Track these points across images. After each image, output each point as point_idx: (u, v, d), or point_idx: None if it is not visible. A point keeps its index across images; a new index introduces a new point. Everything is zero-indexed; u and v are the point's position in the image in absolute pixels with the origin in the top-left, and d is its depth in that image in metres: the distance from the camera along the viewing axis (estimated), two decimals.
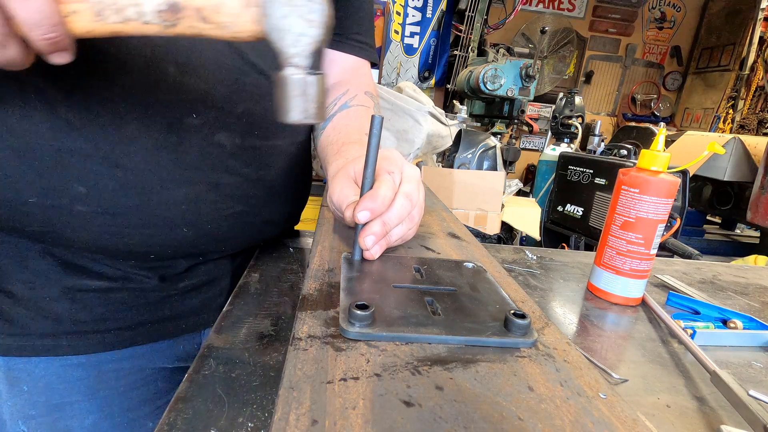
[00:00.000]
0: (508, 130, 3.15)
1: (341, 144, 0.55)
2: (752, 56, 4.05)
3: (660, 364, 0.43)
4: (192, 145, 0.45)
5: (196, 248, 0.51)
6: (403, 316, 0.28)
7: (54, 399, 0.49)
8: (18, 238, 0.45)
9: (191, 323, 0.57)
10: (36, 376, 0.48)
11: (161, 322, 0.53)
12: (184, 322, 0.56)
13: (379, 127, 0.36)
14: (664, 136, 0.53)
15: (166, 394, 0.57)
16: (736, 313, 0.52)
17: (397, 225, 0.39)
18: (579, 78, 4.82)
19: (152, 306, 0.52)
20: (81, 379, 0.50)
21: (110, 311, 0.49)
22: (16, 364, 0.47)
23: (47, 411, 0.49)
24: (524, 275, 0.63)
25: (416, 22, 4.03)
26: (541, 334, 0.29)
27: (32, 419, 0.48)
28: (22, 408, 0.48)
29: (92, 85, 0.39)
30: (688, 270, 0.74)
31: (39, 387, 0.48)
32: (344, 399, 0.21)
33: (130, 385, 0.53)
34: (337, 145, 0.56)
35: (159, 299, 0.52)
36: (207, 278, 0.56)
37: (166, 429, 0.29)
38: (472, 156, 1.92)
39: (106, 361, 0.51)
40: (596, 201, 1.56)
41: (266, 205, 0.55)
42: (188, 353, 0.59)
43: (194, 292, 0.56)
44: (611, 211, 0.56)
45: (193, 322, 0.57)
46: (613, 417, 0.21)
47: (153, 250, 0.48)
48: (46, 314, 0.47)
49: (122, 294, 0.50)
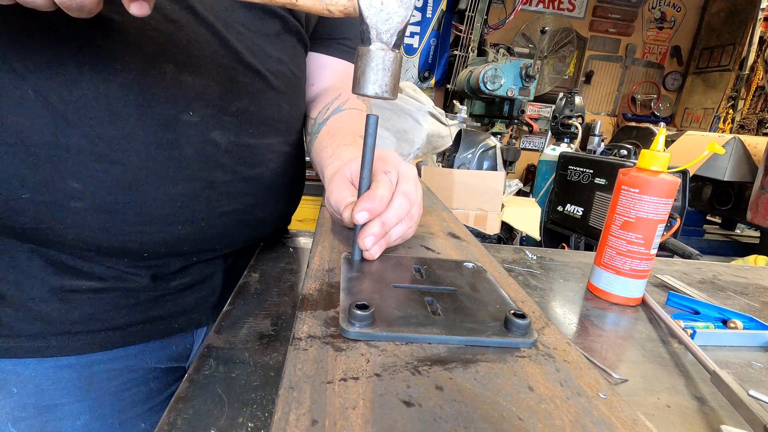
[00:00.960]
0: (508, 130, 3.15)
1: (336, 146, 0.55)
2: (752, 56, 4.04)
3: (660, 364, 0.43)
4: (187, 143, 0.45)
5: (190, 246, 0.51)
6: (403, 316, 0.28)
7: (44, 401, 0.48)
8: (6, 237, 0.44)
9: (183, 323, 0.56)
10: (25, 378, 0.47)
11: (153, 322, 0.53)
12: (176, 321, 0.55)
13: (375, 127, 0.37)
14: (664, 136, 0.53)
15: (158, 394, 0.57)
16: (736, 313, 0.52)
17: (396, 224, 0.39)
18: (579, 78, 4.81)
19: (144, 306, 0.52)
20: (71, 380, 0.49)
21: (101, 311, 0.49)
22: (4, 365, 0.47)
23: (37, 413, 0.48)
24: (524, 275, 0.63)
25: (416, 22, 4.03)
26: (541, 334, 0.29)
27: (22, 421, 0.48)
28: (11, 410, 0.48)
29: (89, 80, 0.39)
30: (688, 270, 0.74)
31: (28, 389, 0.48)
32: (344, 399, 0.21)
33: (121, 386, 0.53)
34: (331, 148, 0.56)
35: (151, 299, 0.52)
36: (199, 277, 0.56)
37: (166, 429, 0.29)
38: (472, 156, 1.92)
39: (97, 361, 0.50)
40: (596, 201, 1.56)
41: (260, 204, 0.55)
42: (181, 353, 0.59)
43: (186, 292, 0.55)
44: (611, 211, 0.56)
45: (185, 322, 0.56)
46: (613, 417, 0.21)
47: (147, 247, 0.47)
48: (35, 315, 0.46)
49: (113, 294, 0.49)
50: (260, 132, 0.51)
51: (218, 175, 0.48)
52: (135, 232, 0.45)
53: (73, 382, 0.49)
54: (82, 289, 0.48)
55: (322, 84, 0.67)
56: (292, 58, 0.56)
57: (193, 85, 0.44)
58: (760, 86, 4.16)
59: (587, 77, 4.80)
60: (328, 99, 0.65)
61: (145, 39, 0.41)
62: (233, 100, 0.47)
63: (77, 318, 0.48)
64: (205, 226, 0.49)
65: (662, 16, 4.74)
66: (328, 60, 0.67)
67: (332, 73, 0.67)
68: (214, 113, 0.46)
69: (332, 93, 0.65)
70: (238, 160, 0.49)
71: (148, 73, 0.41)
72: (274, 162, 0.55)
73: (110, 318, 0.50)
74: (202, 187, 0.47)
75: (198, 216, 0.48)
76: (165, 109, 0.43)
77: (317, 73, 0.67)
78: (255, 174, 0.52)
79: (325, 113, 0.63)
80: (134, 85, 0.41)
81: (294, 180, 0.62)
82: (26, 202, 0.41)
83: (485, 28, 3.79)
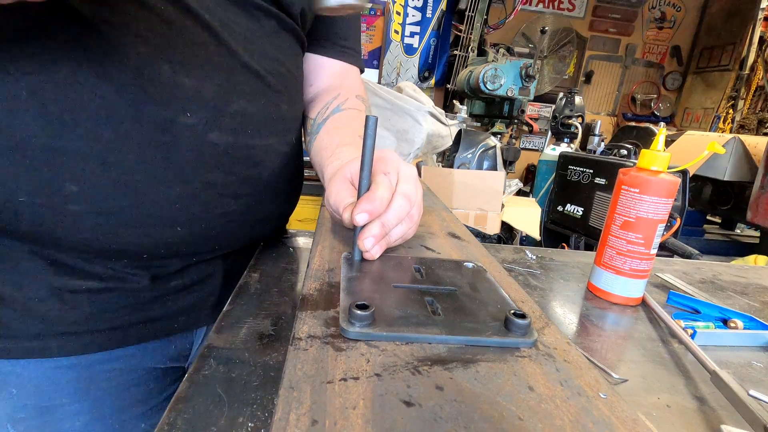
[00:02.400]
0: (508, 130, 3.15)
1: (335, 147, 0.55)
2: (752, 56, 4.05)
3: (660, 364, 0.43)
4: (185, 144, 0.44)
5: (189, 247, 0.51)
6: (404, 316, 0.28)
7: (43, 401, 0.48)
8: (5, 238, 0.44)
9: (183, 323, 0.56)
10: (24, 378, 0.47)
11: (152, 322, 0.53)
12: (175, 321, 0.55)
13: (374, 128, 0.36)
14: (664, 136, 0.53)
15: (158, 394, 0.57)
16: (736, 313, 0.52)
17: (396, 225, 0.39)
18: (579, 78, 4.81)
19: (143, 306, 0.52)
20: (71, 380, 0.49)
21: (100, 311, 0.49)
22: (4, 366, 0.47)
23: (36, 414, 0.48)
24: (524, 275, 0.63)
25: (416, 22, 4.03)
26: (542, 333, 0.29)
27: (21, 422, 0.48)
28: (11, 411, 0.47)
29: (84, 82, 0.39)
30: (688, 270, 0.74)
31: (28, 389, 0.47)
32: (344, 399, 0.21)
33: (121, 386, 0.53)
34: (330, 148, 0.56)
35: (150, 299, 0.52)
36: (199, 278, 0.56)
37: (166, 429, 0.29)
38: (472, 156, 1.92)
39: (96, 362, 0.50)
40: (596, 201, 1.56)
41: (259, 204, 0.55)
42: (180, 353, 0.59)
43: (186, 292, 0.55)
44: (611, 211, 0.56)
45: (184, 322, 0.56)
46: (613, 417, 0.21)
47: (146, 249, 0.47)
48: (35, 315, 0.46)
49: (113, 294, 0.49)
50: (259, 132, 0.51)
51: (216, 176, 0.48)
52: (133, 234, 0.45)
53: (72, 382, 0.49)
54: (82, 289, 0.47)
55: (321, 84, 0.67)
56: (290, 57, 0.56)
57: (190, 86, 0.44)
58: (760, 86, 4.16)
59: (587, 77, 4.80)
60: (327, 99, 0.64)
61: (140, 40, 0.40)
62: (231, 101, 0.47)
63: (77, 318, 0.48)
64: (204, 227, 0.49)
65: (662, 16, 4.75)
66: (326, 61, 0.67)
67: (330, 73, 0.67)
68: (212, 115, 0.46)
69: (331, 93, 0.65)
70: (236, 161, 0.49)
71: (143, 75, 0.41)
72: (272, 162, 0.54)
73: (110, 318, 0.50)
74: (200, 189, 0.47)
75: (196, 217, 0.48)
76: (161, 110, 0.42)
77: (315, 73, 0.67)
78: (254, 174, 0.52)
79: (324, 113, 0.63)
80: (129, 87, 0.41)
81: (293, 179, 0.61)
82: (23, 204, 0.40)
83: (485, 28, 3.79)
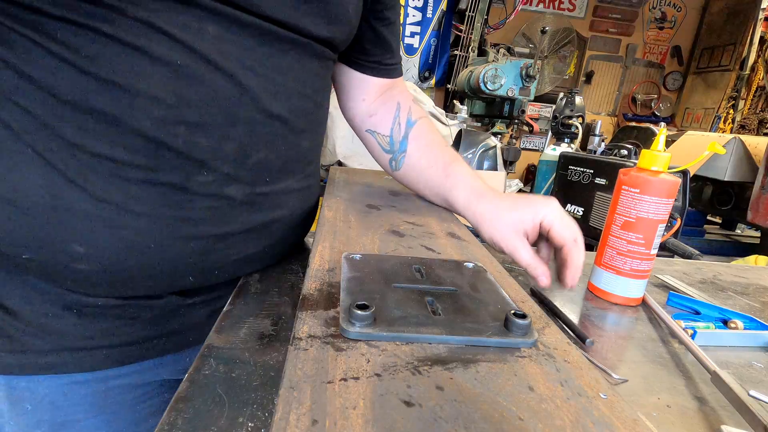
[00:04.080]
0: (508, 130, 3.15)
1: (444, 165, 0.59)
2: (753, 56, 4.05)
3: (660, 365, 0.43)
4: (200, 202, 0.42)
5: (203, 290, 0.51)
6: (404, 316, 0.28)
7: (59, 417, 0.47)
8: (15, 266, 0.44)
9: (198, 335, 0.55)
10: (39, 395, 0.46)
11: (169, 336, 0.52)
12: (191, 334, 0.55)
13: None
14: (664, 136, 0.53)
15: None
16: (736, 314, 0.52)
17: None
18: (579, 78, 4.81)
19: (160, 320, 0.51)
20: (86, 396, 0.48)
21: (117, 326, 0.48)
22: (18, 382, 0.46)
23: (52, 429, 0.48)
24: (524, 275, 0.63)
25: (416, 22, 4.03)
26: (542, 334, 0.29)
27: None
28: (25, 427, 0.47)
29: (93, 147, 0.37)
30: (688, 270, 0.74)
31: (43, 405, 0.47)
32: (344, 399, 0.21)
33: (136, 399, 0.52)
34: (437, 167, 0.59)
35: (167, 312, 0.51)
36: (215, 295, 0.56)
37: (166, 429, 0.29)
38: (473, 156, 1.92)
39: (112, 377, 0.49)
40: (596, 201, 1.56)
41: (277, 243, 0.53)
42: None
43: (202, 305, 0.55)
44: (611, 211, 0.56)
45: (199, 334, 0.55)
46: (613, 417, 0.21)
47: (158, 293, 0.48)
48: (50, 330, 0.45)
49: (129, 309, 0.48)
50: (277, 178, 0.49)
51: (233, 227, 0.46)
52: (144, 286, 0.45)
53: (88, 398, 0.48)
54: (98, 304, 0.46)
55: (372, 97, 0.65)
56: (315, 86, 0.51)
57: (207, 146, 0.41)
58: (761, 86, 4.16)
59: (587, 77, 4.80)
60: (391, 112, 0.64)
61: (154, 103, 0.38)
62: (251, 153, 0.44)
63: (93, 333, 0.47)
64: (219, 274, 0.49)
65: (663, 16, 4.75)
66: (374, 80, 0.65)
67: (379, 86, 0.65)
68: (230, 170, 0.43)
69: (391, 104, 0.64)
70: (252, 210, 0.47)
71: (157, 138, 0.38)
72: (291, 200, 0.52)
73: (126, 333, 0.49)
74: (214, 242, 0.45)
75: (211, 267, 0.47)
76: (176, 172, 0.40)
77: (363, 88, 0.65)
78: (271, 219, 0.50)
79: (399, 129, 0.63)
80: (141, 150, 0.38)
81: (311, 208, 0.59)
82: (29, 260, 0.40)
83: (485, 28, 3.79)
